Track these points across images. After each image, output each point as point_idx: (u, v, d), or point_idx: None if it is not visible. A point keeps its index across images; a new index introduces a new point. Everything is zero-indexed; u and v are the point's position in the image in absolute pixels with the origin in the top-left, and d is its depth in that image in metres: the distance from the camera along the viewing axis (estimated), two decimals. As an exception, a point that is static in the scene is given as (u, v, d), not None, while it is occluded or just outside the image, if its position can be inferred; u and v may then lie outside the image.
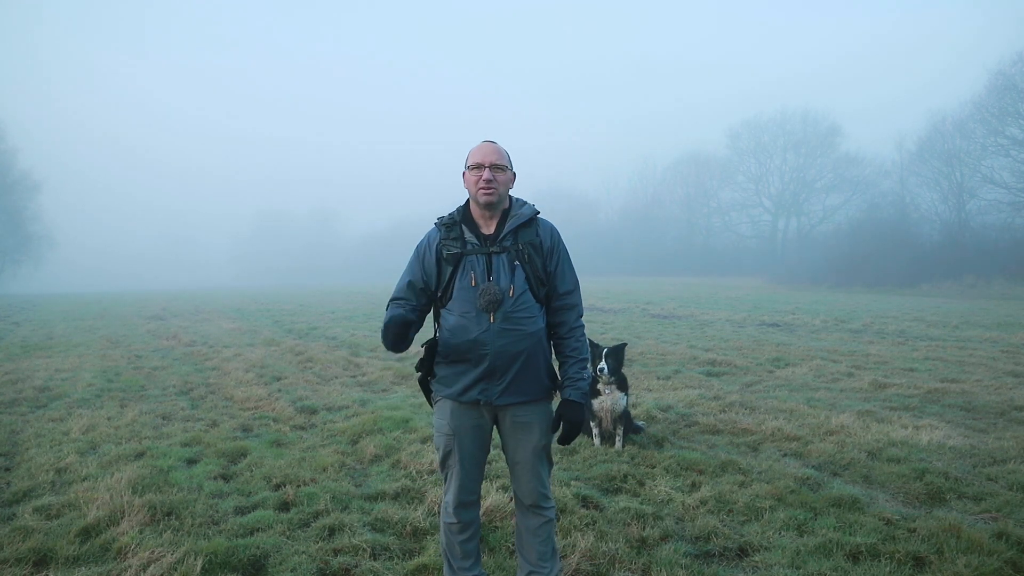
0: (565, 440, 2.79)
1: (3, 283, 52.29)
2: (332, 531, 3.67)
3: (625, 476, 4.50)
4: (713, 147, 66.62)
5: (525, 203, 2.77)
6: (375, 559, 3.36)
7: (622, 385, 5.22)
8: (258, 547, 3.45)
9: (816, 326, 14.90)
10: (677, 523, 3.78)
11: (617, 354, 5.19)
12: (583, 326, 2.85)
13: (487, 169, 2.61)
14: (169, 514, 3.86)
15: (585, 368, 2.81)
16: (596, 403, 5.17)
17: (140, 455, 5.13)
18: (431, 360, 2.78)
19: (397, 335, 2.60)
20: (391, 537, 3.61)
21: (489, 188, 2.61)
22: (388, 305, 2.80)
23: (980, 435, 5.49)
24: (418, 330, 2.77)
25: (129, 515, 3.78)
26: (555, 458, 4.82)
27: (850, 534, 3.53)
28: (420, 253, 2.75)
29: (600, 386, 5.16)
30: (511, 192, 2.78)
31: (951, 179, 41.27)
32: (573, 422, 2.76)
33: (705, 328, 14.74)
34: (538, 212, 2.76)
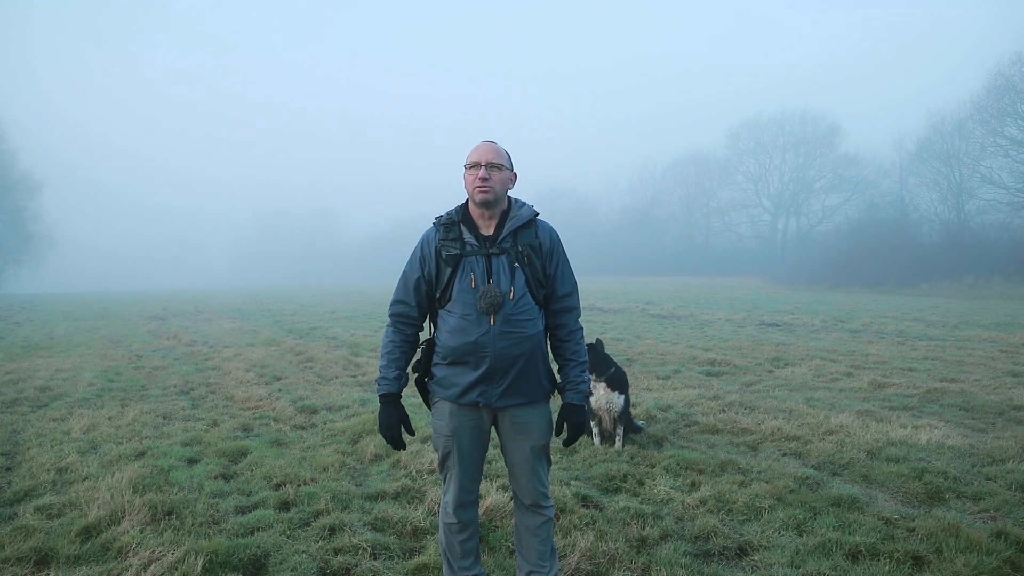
0: (569, 443, 2.80)
1: (4, 283, 52.23)
2: (332, 531, 3.68)
3: (625, 476, 4.51)
4: (713, 147, 66.70)
5: (524, 204, 2.76)
6: (375, 559, 3.37)
7: (614, 384, 5.20)
8: (258, 546, 3.45)
9: (815, 326, 14.91)
10: (677, 523, 3.79)
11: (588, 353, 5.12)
12: (582, 328, 2.85)
13: (483, 168, 2.61)
14: (170, 513, 3.86)
15: (585, 371, 2.80)
16: (592, 401, 5.18)
17: (141, 455, 5.14)
18: (428, 361, 2.79)
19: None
20: (391, 537, 3.62)
21: (484, 187, 2.60)
22: (390, 311, 2.80)
23: (979, 435, 5.50)
24: (421, 331, 2.81)
25: (130, 514, 3.78)
26: (555, 458, 4.83)
27: (849, 533, 3.53)
28: (421, 251, 2.74)
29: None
30: (511, 193, 2.78)
31: (950, 179, 41.31)
32: (576, 424, 2.77)
33: (705, 328, 14.75)
34: (537, 214, 2.76)
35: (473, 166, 2.64)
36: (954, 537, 3.40)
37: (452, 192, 2.79)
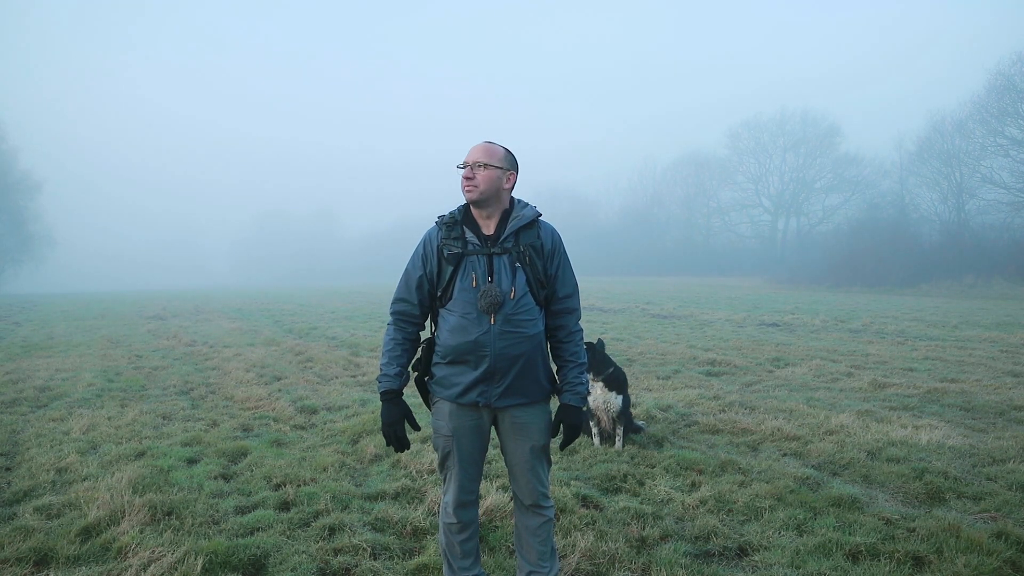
0: (564, 445, 2.80)
1: (4, 283, 52.25)
2: (332, 531, 3.68)
3: (625, 476, 4.50)
4: (713, 147, 66.71)
5: (527, 205, 2.76)
6: (375, 559, 3.37)
7: (612, 383, 5.20)
8: (258, 547, 3.45)
9: (816, 326, 14.90)
10: (677, 523, 3.79)
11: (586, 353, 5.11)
12: (582, 330, 2.84)
13: (468, 167, 2.64)
14: (169, 514, 3.86)
15: (583, 373, 2.80)
16: (590, 401, 5.17)
17: (140, 455, 5.14)
18: (428, 360, 2.79)
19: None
20: (391, 537, 3.62)
21: (468, 185, 2.63)
22: (391, 309, 2.80)
23: (979, 435, 5.49)
24: (422, 330, 2.81)
25: (129, 515, 3.78)
26: (555, 458, 4.83)
27: (849, 534, 3.53)
28: (423, 249, 2.74)
29: None
30: (514, 193, 2.78)
31: (951, 179, 41.30)
32: (572, 426, 2.76)
33: (705, 328, 14.75)
34: (540, 214, 2.76)
35: (463, 166, 2.66)
36: (954, 537, 3.39)
37: (452, 193, 2.80)
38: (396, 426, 2.74)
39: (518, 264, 2.66)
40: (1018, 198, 37.56)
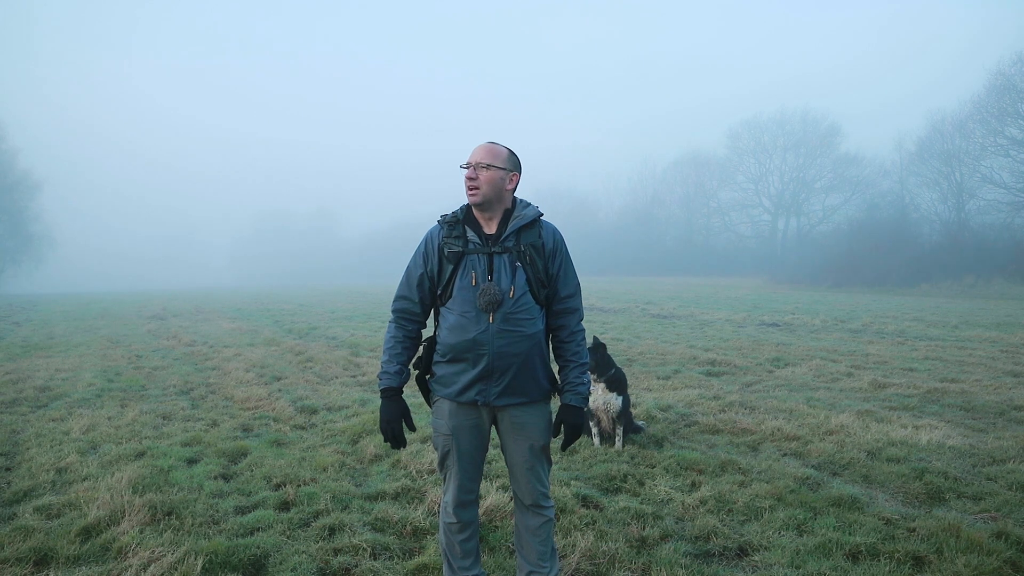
0: (565, 445, 2.80)
1: (3, 283, 52.26)
2: (332, 531, 3.68)
3: (625, 476, 4.51)
4: (713, 147, 66.74)
5: (529, 204, 2.77)
6: (375, 559, 3.37)
7: (613, 384, 5.20)
8: (258, 547, 3.45)
9: (816, 326, 14.90)
10: (677, 523, 3.79)
11: (592, 354, 5.10)
12: (584, 330, 2.84)
13: (471, 168, 2.64)
14: (169, 514, 3.86)
15: (585, 373, 2.80)
16: (590, 401, 5.17)
17: (140, 455, 5.13)
18: (429, 358, 2.79)
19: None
20: (391, 537, 3.62)
21: (471, 186, 2.64)
22: (393, 306, 2.81)
23: (979, 435, 5.50)
24: (423, 328, 2.82)
25: (129, 515, 3.78)
26: (555, 458, 4.83)
27: (849, 534, 3.53)
28: (425, 248, 2.76)
29: None
30: (516, 193, 2.78)
31: (950, 179, 41.33)
32: (573, 426, 2.76)
33: (705, 328, 14.75)
34: (541, 214, 2.77)
35: (466, 166, 2.66)
36: (954, 537, 3.40)
37: (452, 193, 2.81)
38: (394, 424, 2.75)
39: (518, 263, 2.66)
40: (1018, 198, 37.60)
